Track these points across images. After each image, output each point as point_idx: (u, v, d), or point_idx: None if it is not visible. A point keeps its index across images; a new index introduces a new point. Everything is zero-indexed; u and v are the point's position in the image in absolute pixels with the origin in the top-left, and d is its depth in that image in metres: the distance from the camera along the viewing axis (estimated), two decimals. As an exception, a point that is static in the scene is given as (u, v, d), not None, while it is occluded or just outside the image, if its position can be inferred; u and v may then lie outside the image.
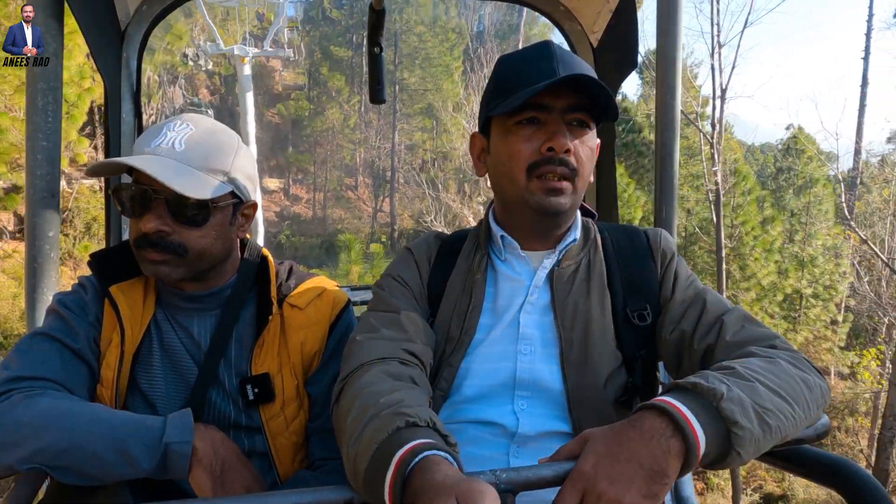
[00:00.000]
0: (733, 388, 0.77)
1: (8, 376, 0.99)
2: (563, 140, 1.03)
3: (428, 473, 0.67)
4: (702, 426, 0.73)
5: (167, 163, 1.04)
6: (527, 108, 1.05)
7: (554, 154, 1.03)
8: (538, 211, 1.07)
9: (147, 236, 1.06)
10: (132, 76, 1.81)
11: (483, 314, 1.11)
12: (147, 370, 1.13)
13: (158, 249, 1.06)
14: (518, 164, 1.06)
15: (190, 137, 1.08)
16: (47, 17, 1.25)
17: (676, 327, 1.06)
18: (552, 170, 1.04)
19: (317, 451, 1.17)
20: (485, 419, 1.04)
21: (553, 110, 1.04)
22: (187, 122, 1.10)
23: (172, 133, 1.07)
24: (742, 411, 0.75)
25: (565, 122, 1.05)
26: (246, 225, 1.21)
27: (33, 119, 1.27)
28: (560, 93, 1.04)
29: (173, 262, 1.07)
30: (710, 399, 0.76)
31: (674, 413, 0.73)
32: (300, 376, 1.18)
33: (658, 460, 0.71)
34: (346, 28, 29.19)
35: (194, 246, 1.08)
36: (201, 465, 0.96)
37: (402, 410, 0.78)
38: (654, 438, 0.72)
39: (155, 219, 1.05)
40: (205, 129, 1.11)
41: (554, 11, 2.02)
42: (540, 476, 0.75)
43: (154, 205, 1.05)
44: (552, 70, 1.01)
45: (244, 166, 1.15)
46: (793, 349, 0.94)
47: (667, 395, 0.77)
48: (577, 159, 1.05)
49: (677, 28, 1.53)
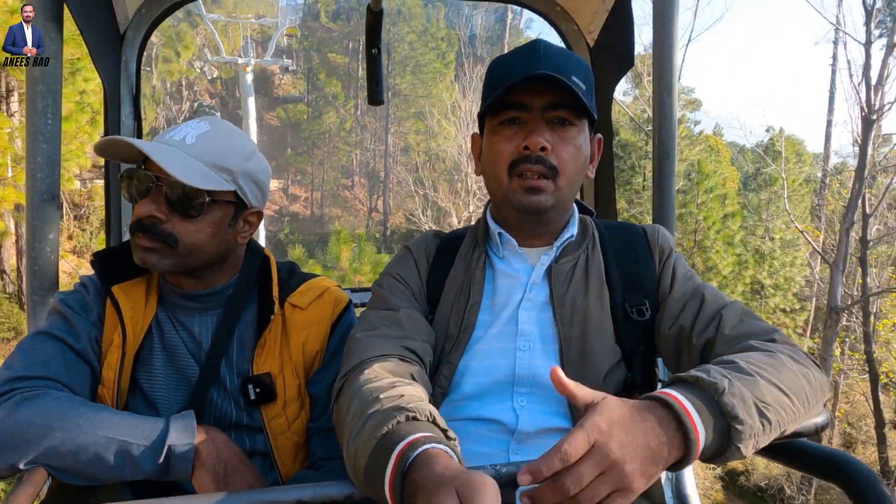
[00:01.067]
0: (735, 383, 0.77)
1: (10, 376, 0.99)
2: (537, 138, 1.04)
3: (428, 466, 0.67)
4: (703, 421, 0.73)
5: (171, 151, 1.05)
6: (508, 107, 1.06)
7: (530, 153, 1.04)
8: (519, 209, 1.08)
9: (141, 221, 1.06)
10: (131, 79, 1.82)
11: (482, 311, 1.11)
12: (148, 370, 1.14)
13: (149, 236, 1.06)
14: (500, 163, 1.08)
15: (203, 134, 1.09)
16: (46, 20, 1.26)
17: (675, 322, 1.06)
18: (529, 168, 1.05)
19: (318, 451, 1.17)
20: (484, 416, 1.04)
21: (532, 109, 1.06)
22: (207, 121, 1.12)
23: (188, 129, 1.09)
24: (743, 406, 0.75)
25: (546, 121, 1.06)
26: (247, 232, 1.19)
27: (33, 122, 1.27)
28: (540, 91, 1.05)
29: (162, 251, 1.07)
30: (711, 393, 0.76)
31: (676, 408, 0.73)
32: (302, 376, 1.18)
33: (661, 448, 0.71)
34: (343, 35, 30.56)
35: (186, 239, 1.08)
36: (204, 467, 0.96)
37: (401, 405, 0.78)
38: (656, 429, 0.72)
39: (150, 204, 1.06)
40: (221, 130, 1.12)
41: (550, 12, 2.03)
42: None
43: (154, 191, 1.06)
44: (532, 69, 1.02)
45: (253, 172, 1.14)
46: (792, 343, 0.94)
47: (670, 389, 0.78)
48: (557, 157, 1.05)
49: (673, 27, 1.53)
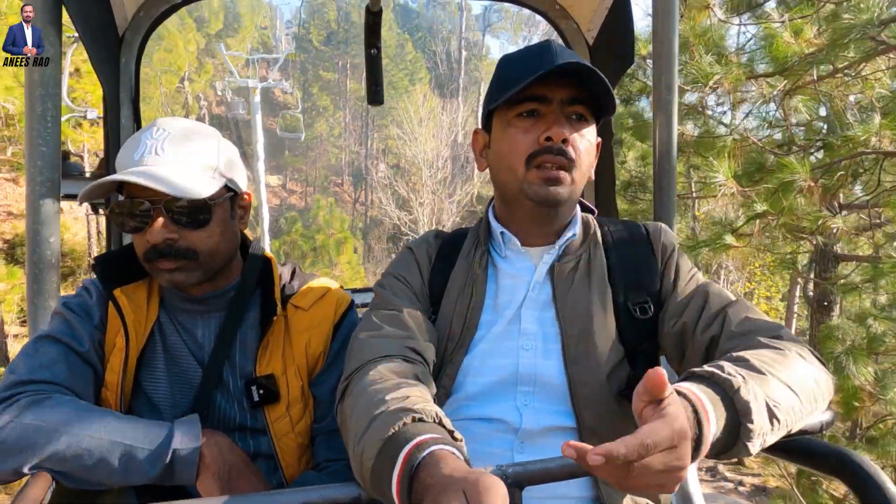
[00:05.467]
0: (749, 381, 0.77)
1: (14, 380, 0.99)
2: (560, 129, 1.04)
3: (435, 468, 0.67)
4: (716, 417, 0.73)
5: (158, 171, 1.02)
6: (526, 99, 1.06)
7: (552, 143, 1.04)
8: (537, 201, 1.08)
9: (156, 247, 1.05)
10: (131, 81, 1.81)
11: (484, 311, 1.11)
12: (151, 373, 1.14)
13: (170, 258, 1.06)
14: (517, 154, 1.07)
15: (170, 140, 1.06)
16: (45, 23, 1.25)
17: (679, 319, 1.06)
18: (550, 159, 1.05)
19: (322, 453, 1.17)
20: (488, 416, 1.04)
21: (552, 101, 1.05)
22: (161, 126, 1.08)
23: (151, 141, 1.06)
24: (756, 405, 0.75)
25: (564, 115, 1.06)
26: (245, 217, 1.20)
27: (33, 125, 1.26)
28: (559, 85, 1.05)
29: (187, 267, 1.07)
30: (726, 389, 0.76)
31: (695, 403, 0.72)
32: (305, 377, 1.18)
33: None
34: (333, 55, 39.75)
35: (203, 247, 1.08)
36: (209, 472, 0.96)
37: (407, 406, 0.78)
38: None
39: (160, 229, 1.04)
40: (181, 130, 1.09)
41: (549, 10, 2.03)
42: (546, 470, 0.75)
43: (154, 215, 1.04)
44: (552, 63, 1.02)
45: (230, 158, 1.14)
46: (799, 340, 0.94)
47: (684, 383, 0.77)
48: (575, 151, 1.06)
49: (673, 25, 1.53)
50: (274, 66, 18.60)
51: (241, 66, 23.53)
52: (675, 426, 0.65)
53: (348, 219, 31.44)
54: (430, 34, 42.44)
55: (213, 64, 31.08)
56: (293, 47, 27.84)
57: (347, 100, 39.50)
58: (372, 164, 33.76)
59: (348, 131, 39.63)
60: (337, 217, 21.31)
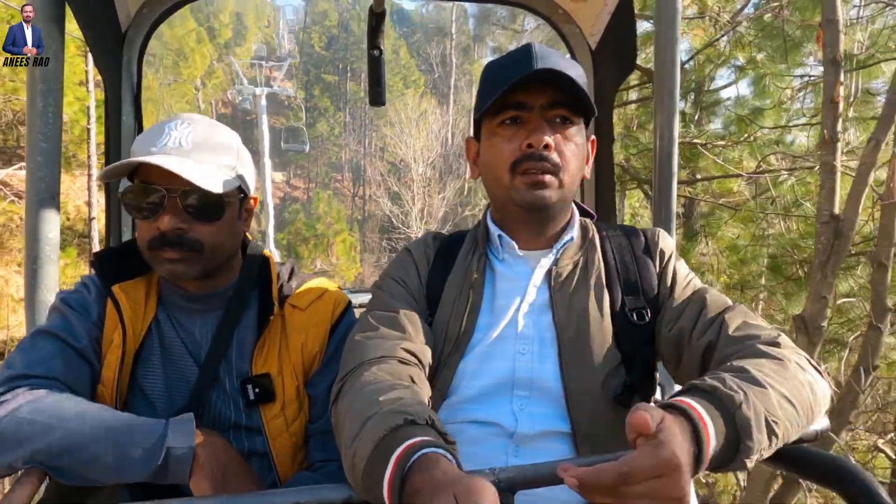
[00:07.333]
0: (750, 397, 0.77)
1: (10, 374, 0.99)
2: (540, 136, 1.04)
3: (426, 471, 0.67)
4: (715, 433, 0.73)
5: (182, 160, 1.05)
6: (507, 107, 1.07)
7: (534, 150, 1.05)
8: (524, 206, 1.08)
9: (165, 235, 1.06)
10: (133, 79, 1.82)
11: (481, 314, 1.11)
12: (148, 370, 1.14)
13: (176, 247, 1.07)
14: (502, 163, 1.08)
15: (194, 135, 1.09)
16: (48, 20, 1.25)
17: (676, 325, 1.06)
18: (533, 165, 1.05)
19: (316, 453, 1.17)
20: (483, 419, 1.04)
21: (532, 108, 1.06)
22: (187, 121, 1.11)
23: (176, 132, 1.08)
24: (756, 421, 0.75)
25: (546, 120, 1.06)
26: (249, 219, 1.22)
27: (34, 121, 1.27)
28: (539, 90, 1.05)
29: (190, 258, 1.08)
30: (728, 405, 0.75)
31: (695, 419, 0.72)
32: (301, 377, 1.18)
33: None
34: (333, 59, 43.62)
35: (209, 242, 1.09)
36: (202, 471, 0.96)
37: (400, 409, 0.78)
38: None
39: (172, 217, 1.06)
40: (206, 127, 1.12)
41: (552, 14, 2.03)
42: (539, 474, 0.75)
43: (168, 203, 1.06)
44: (530, 68, 1.02)
45: (246, 161, 1.18)
46: (797, 349, 0.94)
47: (685, 397, 0.76)
48: (560, 154, 1.06)
49: (676, 29, 1.53)
50: (280, 70, 20.94)
51: (246, 68, 25.73)
52: (662, 455, 0.64)
53: (346, 210, 36.00)
54: (424, 37, 44.86)
55: (221, 69, 35.68)
56: (295, 49, 30.10)
57: (347, 101, 43.57)
58: (368, 162, 37.27)
59: (348, 130, 43.55)
60: (335, 208, 26.03)
